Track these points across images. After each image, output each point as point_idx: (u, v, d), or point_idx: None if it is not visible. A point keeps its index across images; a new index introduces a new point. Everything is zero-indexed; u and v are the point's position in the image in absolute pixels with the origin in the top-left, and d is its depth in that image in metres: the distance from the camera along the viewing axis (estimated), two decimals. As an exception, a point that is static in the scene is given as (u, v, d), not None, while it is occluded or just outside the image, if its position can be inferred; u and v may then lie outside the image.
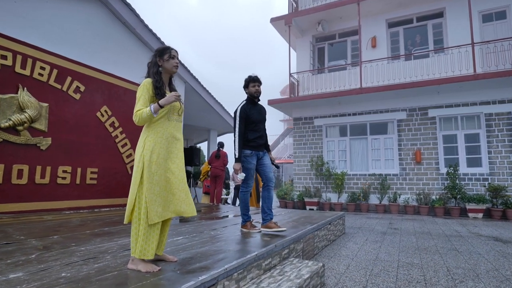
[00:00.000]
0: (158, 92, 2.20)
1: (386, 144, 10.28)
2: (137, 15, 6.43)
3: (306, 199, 10.51)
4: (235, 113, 3.51)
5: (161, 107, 2.14)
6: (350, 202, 9.99)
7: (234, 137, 3.42)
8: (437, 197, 9.10)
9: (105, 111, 5.93)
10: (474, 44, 8.79)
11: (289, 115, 12.50)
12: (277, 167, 3.56)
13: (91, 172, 5.56)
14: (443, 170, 9.33)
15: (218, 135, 11.39)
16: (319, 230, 4.13)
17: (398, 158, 9.95)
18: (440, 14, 10.28)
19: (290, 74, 11.29)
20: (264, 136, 3.58)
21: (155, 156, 2.11)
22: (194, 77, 7.84)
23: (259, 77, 3.52)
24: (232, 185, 12.31)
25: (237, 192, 11.77)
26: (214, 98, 8.83)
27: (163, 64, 2.29)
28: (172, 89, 2.40)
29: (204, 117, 9.84)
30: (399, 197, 9.53)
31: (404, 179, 9.78)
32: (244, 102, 3.55)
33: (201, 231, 3.50)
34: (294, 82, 11.59)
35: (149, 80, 2.22)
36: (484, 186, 8.74)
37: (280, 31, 12.23)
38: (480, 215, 8.35)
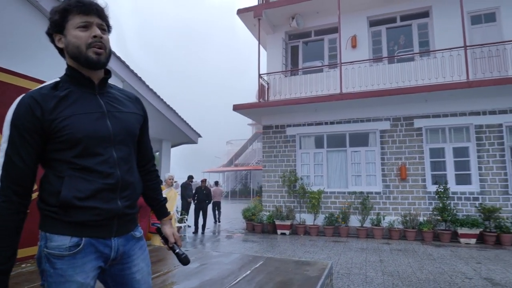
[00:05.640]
0: None
1: (367, 157, 9.05)
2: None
3: (277, 222, 9.00)
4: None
5: None
6: (328, 225, 8.61)
7: None
8: (425, 219, 8.00)
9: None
10: (467, 48, 7.79)
11: (258, 122, 10.95)
12: (185, 262, 1.38)
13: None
14: (430, 188, 8.27)
15: (172, 146, 9.54)
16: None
17: (381, 173, 8.76)
18: (425, 14, 9.26)
19: (260, 76, 9.75)
20: (135, 184, 1.22)
21: None
22: (136, 75, 6.01)
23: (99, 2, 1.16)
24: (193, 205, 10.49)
25: (198, 211, 9.67)
26: (165, 102, 7.03)
27: None
28: None
29: (153, 126, 7.93)
30: (383, 219, 8.31)
31: (388, 198, 8.60)
32: (50, 84, 1.12)
33: None
34: (264, 85, 10.05)
35: None
36: (475, 206, 7.77)
37: (248, 25, 10.65)
38: (473, 240, 7.36)
